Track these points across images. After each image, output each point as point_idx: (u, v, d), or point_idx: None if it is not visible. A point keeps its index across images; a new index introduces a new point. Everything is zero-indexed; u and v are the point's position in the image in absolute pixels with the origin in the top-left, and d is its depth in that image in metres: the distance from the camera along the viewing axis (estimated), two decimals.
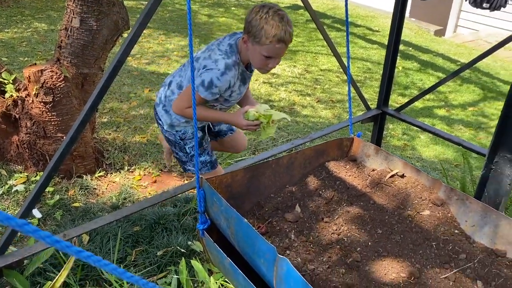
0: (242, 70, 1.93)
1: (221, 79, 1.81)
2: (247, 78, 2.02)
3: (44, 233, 0.48)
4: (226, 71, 1.81)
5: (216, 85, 1.82)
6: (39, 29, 6.42)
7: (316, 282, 1.20)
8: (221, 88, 1.84)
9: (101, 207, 2.93)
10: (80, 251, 0.51)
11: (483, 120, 5.58)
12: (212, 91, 1.83)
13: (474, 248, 1.35)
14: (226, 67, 1.80)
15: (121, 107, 4.40)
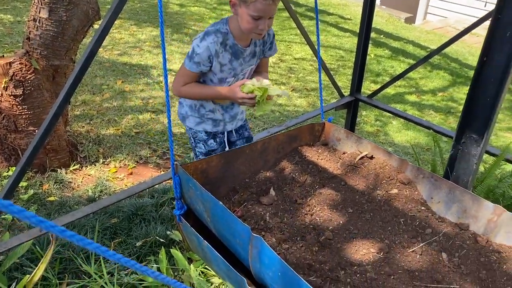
0: (232, 43, 1.84)
1: (200, 45, 1.77)
2: (239, 53, 1.89)
3: (29, 213, 0.50)
4: (204, 37, 1.78)
5: (196, 52, 1.78)
6: (4, 20, 6.24)
7: (290, 260, 1.25)
8: (202, 56, 1.78)
9: (77, 200, 2.91)
10: (63, 231, 0.53)
11: (452, 105, 5.74)
12: (194, 60, 1.79)
13: (440, 223, 1.42)
14: (205, 33, 1.78)
15: (94, 99, 4.35)
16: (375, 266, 1.26)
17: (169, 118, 1.35)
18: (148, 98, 4.57)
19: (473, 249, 1.31)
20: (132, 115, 4.14)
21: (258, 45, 1.95)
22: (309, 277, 1.22)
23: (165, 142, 3.78)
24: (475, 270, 1.25)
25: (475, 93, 1.62)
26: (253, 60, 1.97)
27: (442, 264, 1.27)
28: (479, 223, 1.38)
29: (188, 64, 1.82)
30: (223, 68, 1.89)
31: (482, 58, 1.55)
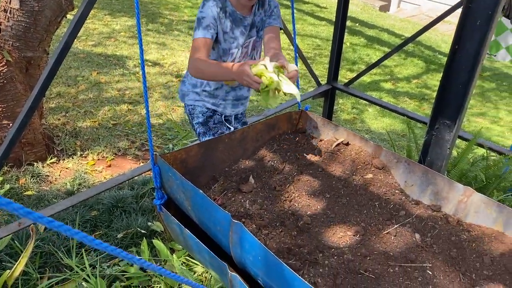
0: (231, 10, 1.86)
1: (203, 10, 1.79)
2: (239, 20, 1.90)
3: (16, 205, 0.51)
4: (204, 2, 1.80)
5: (202, 16, 1.78)
6: None
7: (270, 245, 1.28)
8: (209, 18, 1.77)
9: (56, 194, 2.89)
10: (51, 221, 0.54)
11: (427, 92, 5.87)
12: (203, 24, 1.77)
13: (413, 205, 1.47)
14: (204, 1, 1.81)
15: (69, 91, 4.28)
16: (351, 248, 1.31)
17: (147, 108, 1.36)
18: (124, 89, 4.52)
19: (445, 229, 1.37)
20: (109, 107, 4.10)
21: (258, 14, 1.94)
22: (288, 261, 1.26)
23: (143, 134, 3.76)
24: (447, 249, 1.31)
25: (448, 80, 1.67)
26: (253, 31, 1.97)
27: (415, 244, 1.32)
28: (450, 205, 1.44)
29: (199, 32, 1.78)
30: (226, 36, 1.89)
31: (454, 46, 1.60)
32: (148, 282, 2.21)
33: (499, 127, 5.27)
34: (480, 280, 1.23)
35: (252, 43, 2.00)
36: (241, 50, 1.96)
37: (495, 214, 1.34)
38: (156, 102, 4.32)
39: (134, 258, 0.68)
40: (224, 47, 1.93)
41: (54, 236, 2.43)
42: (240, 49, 1.96)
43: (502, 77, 6.93)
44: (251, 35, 1.97)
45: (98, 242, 0.62)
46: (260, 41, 2.03)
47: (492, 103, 5.97)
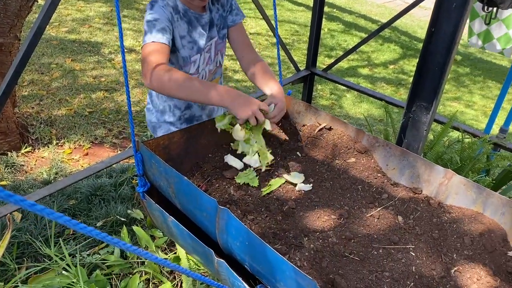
0: (184, 9, 1.60)
1: (152, 11, 1.50)
2: (195, 20, 1.64)
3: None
4: (152, 4, 1.53)
5: (154, 18, 1.48)
6: None
7: (255, 230, 1.28)
8: (162, 18, 1.49)
9: (32, 183, 2.82)
10: (33, 204, 0.52)
11: (403, 77, 5.95)
12: (157, 27, 1.47)
13: (395, 188, 1.49)
14: (151, 2, 1.54)
15: (43, 79, 4.16)
16: (336, 231, 1.32)
17: (128, 95, 1.33)
18: (100, 76, 4.42)
19: (426, 211, 1.40)
20: (85, 94, 4.01)
21: (215, 10, 1.69)
22: (274, 245, 1.26)
23: (120, 121, 3.70)
24: (429, 230, 1.34)
25: (424, 63, 1.69)
26: (214, 31, 1.71)
27: (398, 226, 1.35)
28: (431, 187, 1.47)
29: (151, 36, 1.46)
30: (183, 41, 1.63)
31: (431, 29, 1.62)
32: (129, 269, 2.19)
33: (473, 111, 5.40)
34: (461, 259, 1.26)
35: (214, 46, 1.74)
36: (203, 56, 1.71)
37: (475, 196, 1.37)
38: (132, 89, 4.24)
39: (120, 243, 0.67)
40: (184, 54, 1.65)
41: (31, 226, 2.38)
42: (202, 54, 1.70)
43: (475, 62, 7.08)
44: (211, 35, 1.70)
45: (83, 226, 0.60)
46: (223, 42, 1.78)
47: (467, 87, 6.10)
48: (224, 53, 1.85)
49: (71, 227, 0.59)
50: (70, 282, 1.96)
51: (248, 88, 4.77)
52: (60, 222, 0.57)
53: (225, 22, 1.73)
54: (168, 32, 1.50)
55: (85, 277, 2.00)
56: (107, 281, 2.07)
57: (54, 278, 1.97)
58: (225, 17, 1.72)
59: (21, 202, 0.50)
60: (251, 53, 1.76)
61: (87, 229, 0.62)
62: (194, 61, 1.69)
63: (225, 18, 1.72)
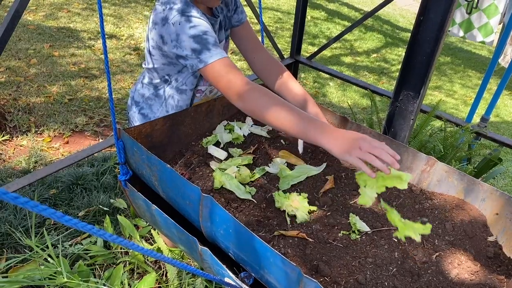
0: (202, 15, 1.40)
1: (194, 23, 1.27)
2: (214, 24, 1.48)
3: None
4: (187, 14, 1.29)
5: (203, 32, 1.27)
6: None
7: (239, 218, 1.27)
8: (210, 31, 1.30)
9: (10, 172, 2.75)
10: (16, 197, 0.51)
11: (385, 66, 5.98)
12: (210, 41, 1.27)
13: None
14: (182, 11, 1.30)
15: (20, 65, 4.05)
16: (319, 218, 1.32)
17: (109, 81, 1.30)
18: (79, 63, 4.33)
19: (409, 198, 1.41)
20: (64, 81, 3.92)
21: (221, 11, 1.55)
22: (258, 233, 1.26)
23: (101, 109, 3.63)
24: (411, 216, 1.35)
25: (412, 52, 1.70)
26: (222, 34, 1.57)
27: (381, 213, 1.36)
28: (413, 174, 1.48)
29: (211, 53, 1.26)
30: None
31: (419, 18, 1.62)
32: (113, 259, 2.17)
33: (454, 100, 5.48)
34: (442, 245, 1.28)
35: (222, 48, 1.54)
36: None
37: (456, 182, 1.39)
38: (113, 76, 4.17)
39: (105, 234, 0.65)
40: None
41: (10, 216, 2.33)
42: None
43: (456, 51, 7.16)
44: (220, 39, 1.56)
45: (68, 219, 0.58)
46: (227, 43, 1.65)
47: (447, 77, 6.18)
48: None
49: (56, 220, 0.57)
50: (52, 273, 1.93)
51: None
52: (45, 215, 0.55)
53: (229, 22, 1.59)
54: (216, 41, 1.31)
55: (68, 268, 1.98)
56: (90, 272, 2.05)
57: (36, 269, 1.94)
58: (229, 17, 1.58)
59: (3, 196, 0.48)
60: (264, 54, 1.63)
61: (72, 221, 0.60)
62: None
63: (229, 18, 1.59)
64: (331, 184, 1.43)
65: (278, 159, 1.53)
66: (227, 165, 1.47)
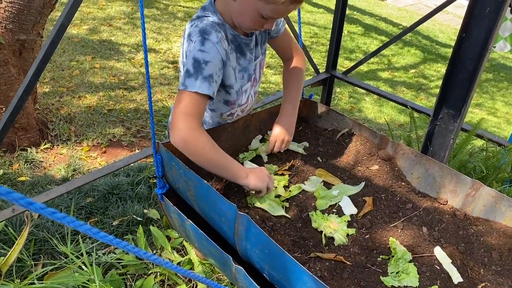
0: (232, 35, 1.40)
1: (205, 48, 1.26)
2: (244, 46, 1.45)
3: (17, 195, 0.47)
4: (204, 36, 1.28)
5: (205, 60, 1.25)
6: None
7: (274, 237, 1.25)
8: (214, 63, 1.28)
9: (50, 180, 2.83)
10: (43, 208, 0.50)
11: (423, 82, 5.85)
12: (204, 73, 1.25)
13: (419, 197, 1.45)
14: (202, 32, 1.28)
15: (64, 76, 4.20)
16: (358, 241, 1.28)
17: (149, 95, 1.31)
18: (119, 74, 4.44)
19: (452, 223, 1.35)
20: (104, 92, 4.03)
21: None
22: (294, 253, 1.23)
23: (139, 120, 3.70)
24: (454, 243, 1.29)
25: (454, 69, 1.64)
26: (258, 51, 1.55)
27: (422, 238, 1.30)
28: (457, 198, 1.42)
29: (197, 83, 1.25)
30: (237, 73, 1.47)
31: (461, 34, 1.56)
32: (145, 270, 2.18)
33: (495, 118, 5.27)
34: (489, 275, 1.21)
35: (259, 64, 1.59)
36: (251, 80, 1.57)
37: (504, 209, 1.32)
38: (151, 89, 4.25)
39: (140, 252, 0.65)
40: (237, 87, 1.50)
41: (48, 223, 2.39)
42: (252, 79, 1.57)
43: (499, 68, 6.92)
44: (257, 55, 1.54)
45: (103, 235, 0.58)
46: (264, 56, 1.62)
47: (489, 94, 5.97)
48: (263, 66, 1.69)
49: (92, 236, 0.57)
50: (85, 280, 1.96)
51: (266, 90, 4.74)
52: (72, 227, 0.55)
53: (265, 36, 1.57)
54: (215, 80, 1.30)
55: (100, 276, 2.00)
56: (122, 281, 2.06)
57: (70, 276, 1.97)
58: (265, 31, 1.55)
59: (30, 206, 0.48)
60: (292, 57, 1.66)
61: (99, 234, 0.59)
62: (246, 90, 1.56)
63: (265, 32, 1.56)
64: (370, 206, 1.38)
65: (315, 177, 1.50)
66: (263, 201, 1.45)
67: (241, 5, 1.28)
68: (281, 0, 1.20)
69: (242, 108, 1.62)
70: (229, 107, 1.55)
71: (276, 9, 1.24)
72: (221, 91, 1.49)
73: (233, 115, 1.61)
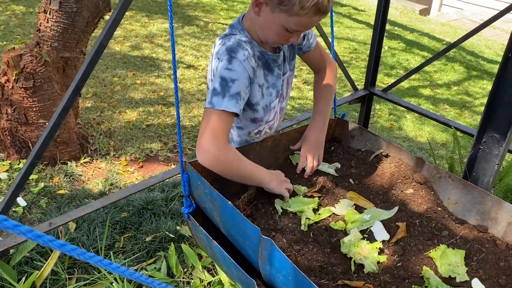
0: (260, 52, 1.41)
1: (232, 67, 1.26)
2: (272, 62, 1.46)
3: (25, 228, 0.47)
4: (231, 54, 1.28)
5: (232, 79, 1.25)
6: (17, 11, 6.26)
7: (301, 262, 1.21)
8: (242, 82, 1.27)
9: (87, 193, 2.91)
10: (63, 245, 0.50)
11: (468, 99, 5.63)
12: (231, 91, 1.25)
13: (457, 224, 1.37)
14: (229, 50, 1.29)
15: (105, 91, 4.34)
16: (389, 269, 1.22)
17: (177, 112, 1.32)
18: (159, 90, 4.55)
19: (492, 253, 1.26)
20: (143, 108, 4.13)
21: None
22: (321, 280, 1.18)
23: (176, 135, 3.76)
24: (494, 275, 1.20)
25: (499, 90, 1.55)
26: (287, 67, 1.55)
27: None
28: (498, 226, 1.33)
29: (223, 101, 1.24)
30: (263, 90, 1.46)
31: (507, 54, 1.48)
32: None
33: None
34: None
35: (287, 81, 1.59)
36: (279, 96, 1.58)
37: None
38: (189, 104, 4.32)
39: (154, 283, 0.63)
40: (264, 104, 1.50)
41: (84, 237, 2.44)
42: (279, 95, 1.57)
43: None
44: (285, 72, 1.55)
45: (115, 266, 0.57)
46: (293, 72, 1.62)
47: None
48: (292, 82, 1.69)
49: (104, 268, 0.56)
50: None
51: (302, 106, 4.70)
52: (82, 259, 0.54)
53: (294, 52, 1.57)
54: (243, 97, 1.30)
55: None
56: None
57: None
58: (294, 46, 1.55)
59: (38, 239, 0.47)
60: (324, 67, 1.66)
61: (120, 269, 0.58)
62: (274, 107, 1.56)
63: (294, 47, 1.55)
64: (404, 232, 1.31)
65: (346, 200, 1.45)
66: (292, 206, 1.41)
67: (266, 20, 1.29)
68: (304, 11, 1.20)
69: (270, 125, 1.62)
70: (256, 124, 1.56)
71: (299, 22, 1.24)
72: (247, 110, 1.50)
73: (260, 133, 1.61)
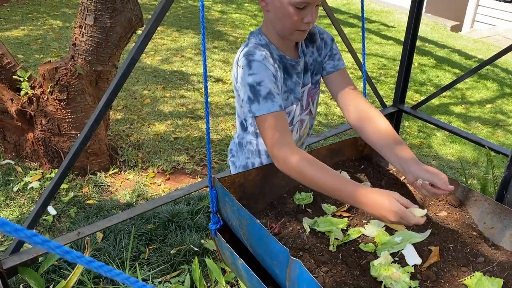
0: (278, 55, 1.42)
1: (253, 70, 1.28)
2: (290, 67, 1.45)
3: (53, 243, 0.47)
4: (249, 58, 1.30)
5: (257, 82, 1.27)
6: (54, 26, 6.49)
7: (329, 284, 1.18)
8: (267, 81, 1.28)
9: (115, 204, 2.95)
10: (90, 261, 0.50)
11: (501, 118, 5.47)
12: (261, 93, 1.26)
13: (493, 250, 1.31)
14: (247, 55, 1.31)
15: (135, 104, 4.42)
16: None
17: (207, 126, 1.32)
18: (187, 104, 4.60)
19: None
20: (172, 121, 4.18)
21: (309, 54, 1.51)
22: None
23: (203, 149, 3.78)
24: None
25: None
26: (308, 77, 1.53)
27: None
28: None
29: (259, 106, 1.26)
30: (281, 93, 1.44)
31: None
32: None
33: None
34: None
35: (307, 93, 1.56)
36: (299, 105, 1.54)
37: None
38: (217, 118, 4.35)
39: None
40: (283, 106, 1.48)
41: (110, 247, 2.46)
42: (298, 104, 1.54)
43: None
44: (305, 82, 1.53)
45: (141, 285, 0.56)
46: (316, 89, 1.59)
47: None
48: (317, 101, 1.67)
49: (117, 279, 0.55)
50: None
51: (330, 122, 4.66)
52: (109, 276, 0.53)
53: (319, 67, 1.55)
54: (276, 93, 1.29)
55: None
56: None
57: None
58: (320, 62, 1.54)
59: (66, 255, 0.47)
60: (360, 102, 1.49)
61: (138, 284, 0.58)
62: (289, 112, 1.52)
63: (320, 63, 1.54)
64: (436, 257, 1.27)
65: (376, 221, 1.41)
66: (320, 225, 1.38)
67: (274, 8, 1.31)
68: None
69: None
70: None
71: None
72: None
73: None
